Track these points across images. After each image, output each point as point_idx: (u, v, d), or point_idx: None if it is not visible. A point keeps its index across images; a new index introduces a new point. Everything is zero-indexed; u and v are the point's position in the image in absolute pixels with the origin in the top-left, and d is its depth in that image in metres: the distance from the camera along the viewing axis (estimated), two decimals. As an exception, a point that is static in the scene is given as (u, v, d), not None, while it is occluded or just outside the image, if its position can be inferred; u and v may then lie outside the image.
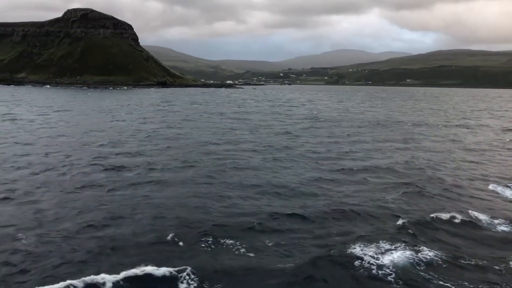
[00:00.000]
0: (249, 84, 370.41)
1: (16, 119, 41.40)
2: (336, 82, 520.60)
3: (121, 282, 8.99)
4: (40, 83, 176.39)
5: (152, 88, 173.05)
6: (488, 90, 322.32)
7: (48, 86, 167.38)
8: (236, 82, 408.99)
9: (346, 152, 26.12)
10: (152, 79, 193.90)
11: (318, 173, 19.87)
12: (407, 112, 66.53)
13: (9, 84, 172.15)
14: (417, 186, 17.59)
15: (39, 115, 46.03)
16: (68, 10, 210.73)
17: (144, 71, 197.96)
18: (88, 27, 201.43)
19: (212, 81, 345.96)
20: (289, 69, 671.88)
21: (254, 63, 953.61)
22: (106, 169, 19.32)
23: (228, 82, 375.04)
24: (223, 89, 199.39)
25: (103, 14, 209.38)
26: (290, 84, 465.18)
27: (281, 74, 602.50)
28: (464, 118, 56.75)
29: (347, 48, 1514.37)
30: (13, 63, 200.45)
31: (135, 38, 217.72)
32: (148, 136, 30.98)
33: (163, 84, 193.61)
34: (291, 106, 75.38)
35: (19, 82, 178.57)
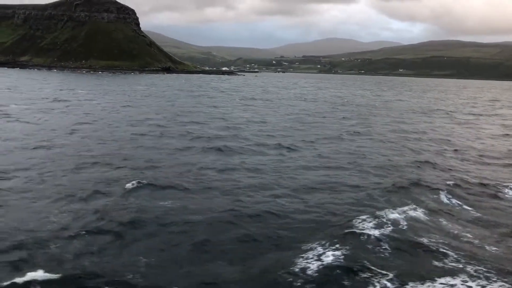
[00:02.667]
0: (244, 71, 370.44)
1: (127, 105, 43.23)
2: (329, 71, 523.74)
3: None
4: (45, 66, 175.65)
5: (158, 74, 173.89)
6: (481, 82, 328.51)
7: (54, 70, 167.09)
8: (232, 68, 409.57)
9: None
10: (157, 65, 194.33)
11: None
12: (437, 102, 69.70)
13: (13, 67, 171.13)
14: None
15: (127, 102, 47.91)
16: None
17: (148, 56, 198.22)
18: (92, 11, 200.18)
19: (207, 68, 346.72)
20: (282, 56, 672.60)
21: (244, 49, 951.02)
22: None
23: (224, 68, 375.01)
24: (227, 76, 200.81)
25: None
26: (284, 72, 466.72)
27: (274, 62, 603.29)
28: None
29: (336, 37, 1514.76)
30: (16, 46, 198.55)
31: (137, 23, 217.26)
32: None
33: (167, 70, 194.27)
34: (334, 95, 77.78)
35: (23, 66, 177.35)
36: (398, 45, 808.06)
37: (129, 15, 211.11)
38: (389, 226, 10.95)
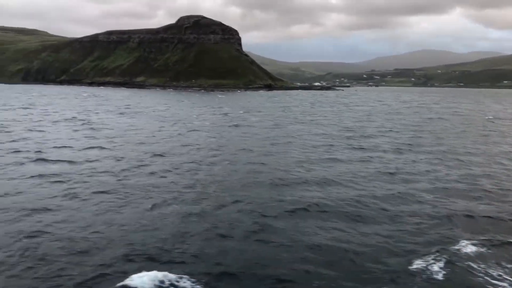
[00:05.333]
0: (336, 85, 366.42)
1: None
2: (424, 84, 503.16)
3: None
4: (160, 86, 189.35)
5: (261, 91, 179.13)
6: None
7: (169, 89, 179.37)
8: (323, 83, 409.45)
9: None
10: (259, 82, 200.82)
11: None
12: None
13: (132, 87, 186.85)
14: None
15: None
16: (181, 17, 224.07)
17: (251, 74, 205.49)
18: (200, 33, 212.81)
19: (299, 83, 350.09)
20: (372, 70, 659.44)
21: (333, 64, 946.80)
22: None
23: (316, 84, 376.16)
24: (328, 91, 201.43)
25: (212, 20, 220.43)
26: (377, 86, 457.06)
27: (364, 76, 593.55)
28: None
29: (427, 49, 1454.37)
30: (132, 67, 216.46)
31: (240, 43, 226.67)
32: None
33: (269, 87, 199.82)
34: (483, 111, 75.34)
35: (140, 85, 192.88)
36: (499, 55, 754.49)
37: (233, 35, 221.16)
38: None
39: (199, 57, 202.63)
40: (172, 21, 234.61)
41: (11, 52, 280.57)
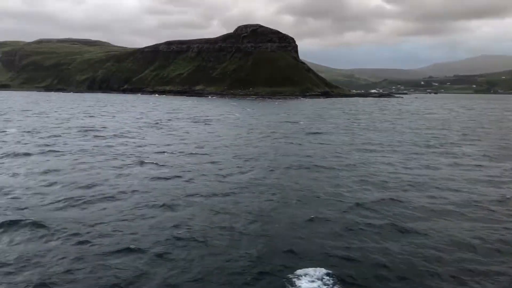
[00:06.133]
0: (392, 93, 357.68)
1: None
2: (487, 91, 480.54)
3: None
4: (218, 94, 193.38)
5: (320, 98, 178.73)
6: None
7: (226, 97, 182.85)
8: (379, 90, 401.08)
9: None
10: (316, 90, 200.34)
11: None
12: None
13: (191, 96, 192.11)
14: None
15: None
16: (239, 27, 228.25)
17: (308, 82, 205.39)
18: (257, 42, 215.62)
19: (354, 90, 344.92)
20: (430, 77, 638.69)
21: (388, 71, 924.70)
22: None
23: (372, 91, 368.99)
24: (389, 98, 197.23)
25: (270, 29, 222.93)
26: (436, 93, 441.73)
27: (422, 83, 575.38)
28: None
29: (488, 54, 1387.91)
30: (191, 76, 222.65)
31: (296, 51, 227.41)
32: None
33: (326, 94, 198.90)
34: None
35: (200, 94, 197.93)
36: None
37: (290, 43, 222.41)
38: None
39: (256, 65, 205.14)
40: (226, 30, 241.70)
41: (77, 62, 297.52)
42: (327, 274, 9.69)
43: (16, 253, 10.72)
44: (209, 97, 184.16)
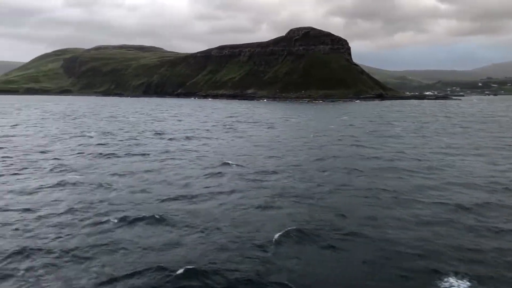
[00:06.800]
0: (448, 95, 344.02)
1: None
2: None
3: None
4: (269, 97, 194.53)
5: (374, 101, 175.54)
6: None
7: (277, 100, 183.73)
8: (434, 92, 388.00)
9: None
10: (370, 92, 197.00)
11: None
12: None
13: (243, 99, 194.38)
14: None
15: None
16: (291, 30, 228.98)
17: (361, 84, 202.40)
18: (309, 45, 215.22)
19: (407, 93, 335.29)
20: (488, 78, 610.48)
21: (442, 72, 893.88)
22: None
23: (427, 93, 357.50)
24: (447, 101, 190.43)
25: (322, 31, 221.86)
26: (496, 95, 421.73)
27: (480, 84, 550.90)
28: None
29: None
30: (243, 80, 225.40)
31: (349, 53, 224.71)
32: None
33: (381, 97, 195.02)
34: None
35: (251, 97, 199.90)
36: None
37: (342, 45, 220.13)
38: None
39: (308, 68, 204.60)
40: (275, 34, 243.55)
41: (133, 67, 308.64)
42: (466, 275, 9.66)
43: (156, 243, 11.50)
44: (261, 100, 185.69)
